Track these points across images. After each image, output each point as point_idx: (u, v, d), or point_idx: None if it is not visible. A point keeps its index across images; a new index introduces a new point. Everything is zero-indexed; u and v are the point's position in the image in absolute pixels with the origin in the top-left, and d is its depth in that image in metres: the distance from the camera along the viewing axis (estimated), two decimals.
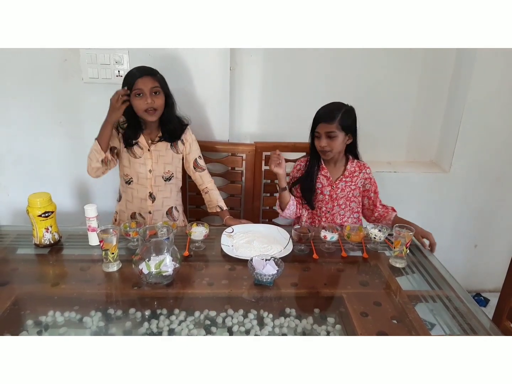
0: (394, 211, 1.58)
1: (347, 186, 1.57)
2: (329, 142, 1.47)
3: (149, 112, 1.45)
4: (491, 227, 2.22)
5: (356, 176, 1.58)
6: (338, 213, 1.60)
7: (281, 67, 1.96)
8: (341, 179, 1.57)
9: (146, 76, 1.43)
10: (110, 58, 1.74)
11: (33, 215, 1.28)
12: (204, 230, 1.33)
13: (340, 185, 1.57)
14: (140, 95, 1.43)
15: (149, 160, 1.55)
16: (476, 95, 1.92)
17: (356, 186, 1.59)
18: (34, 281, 1.20)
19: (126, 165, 1.57)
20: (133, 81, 1.42)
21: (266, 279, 1.15)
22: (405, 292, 1.17)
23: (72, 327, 1.01)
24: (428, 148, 2.19)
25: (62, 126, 1.86)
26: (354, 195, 1.59)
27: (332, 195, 1.57)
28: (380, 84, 2.02)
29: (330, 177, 1.57)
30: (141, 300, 1.12)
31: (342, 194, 1.57)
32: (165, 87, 1.49)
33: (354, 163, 1.58)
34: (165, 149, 1.57)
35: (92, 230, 1.31)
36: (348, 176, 1.57)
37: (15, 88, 1.78)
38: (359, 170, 1.58)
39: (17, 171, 1.93)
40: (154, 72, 1.47)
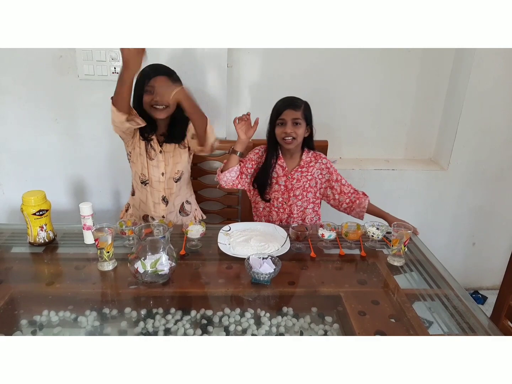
0: (366, 196, 1.55)
1: (303, 176, 1.56)
2: (294, 129, 1.47)
3: (159, 111, 1.42)
4: (489, 225, 2.21)
5: (312, 166, 1.57)
6: (295, 204, 1.58)
7: (278, 65, 1.94)
8: (296, 170, 1.55)
9: (162, 76, 1.40)
10: (106, 55, 1.72)
11: (27, 213, 1.26)
12: (200, 229, 1.32)
13: (295, 176, 1.55)
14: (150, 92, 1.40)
15: (162, 163, 1.52)
16: (475, 93, 1.91)
17: (313, 177, 1.57)
18: (28, 280, 1.18)
19: (144, 165, 1.53)
20: (151, 77, 1.39)
21: (263, 277, 1.14)
22: (403, 291, 1.16)
23: (67, 326, 1.00)
24: (427, 146, 2.19)
25: (58, 123, 1.84)
26: (310, 185, 1.58)
27: (287, 185, 1.56)
28: (379, 83, 2.01)
29: (286, 167, 1.55)
30: (137, 299, 1.11)
31: (298, 185, 1.56)
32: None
33: (309, 153, 1.58)
34: (174, 149, 1.54)
35: (87, 228, 1.30)
36: (303, 167, 1.56)
37: (10, 85, 1.77)
38: (314, 160, 1.57)
39: (12, 168, 1.91)
40: (170, 73, 1.43)
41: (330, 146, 1.86)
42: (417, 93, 2.05)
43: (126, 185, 1.75)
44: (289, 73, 1.96)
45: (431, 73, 2.01)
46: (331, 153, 1.90)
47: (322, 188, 1.60)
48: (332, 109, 2.04)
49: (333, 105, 2.03)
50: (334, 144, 1.96)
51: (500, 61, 1.87)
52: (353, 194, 1.56)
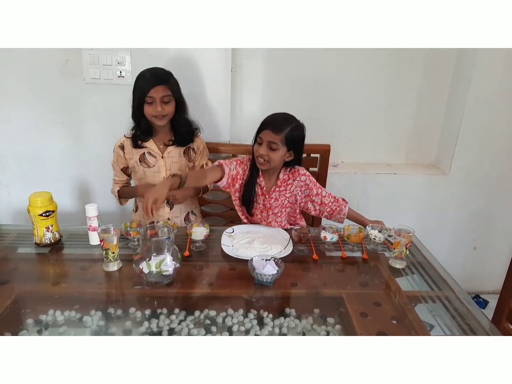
0: (346, 203, 1.51)
1: (281, 195, 1.47)
2: (268, 152, 1.35)
3: (158, 117, 1.46)
4: (491, 229, 2.22)
5: (290, 184, 1.47)
6: (275, 221, 1.52)
7: (282, 69, 1.96)
8: (274, 190, 1.47)
9: (160, 86, 1.42)
10: (112, 59, 1.75)
11: (34, 214, 1.28)
12: (204, 230, 1.33)
13: (273, 195, 1.47)
14: (151, 103, 1.43)
15: (163, 168, 1.55)
16: (476, 97, 1.93)
17: (292, 194, 1.49)
18: (34, 280, 1.20)
19: (142, 177, 1.57)
20: (147, 88, 1.41)
21: (266, 279, 1.15)
22: (405, 293, 1.17)
23: (72, 326, 1.01)
24: (428, 150, 2.20)
25: (64, 126, 1.86)
26: (289, 202, 1.50)
27: (266, 204, 1.48)
28: (380, 85, 2.03)
29: (264, 186, 1.47)
30: (141, 299, 1.13)
31: (276, 203, 1.48)
32: (177, 93, 1.48)
33: (287, 170, 1.47)
34: (178, 156, 1.57)
35: (92, 229, 1.31)
36: (281, 186, 1.46)
37: (17, 88, 1.79)
38: (292, 177, 1.47)
39: (19, 170, 1.93)
40: (167, 81, 1.45)
41: (332, 150, 1.87)
42: (418, 97, 2.07)
43: None
44: (292, 77, 1.98)
45: (433, 77, 2.03)
46: (333, 156, 1.92)
47: (302, 203, 1.53)
48: (335, 113, 2.05)
49: (335, 109, 2.05)
50: (336, 148, 1.98)
51: (503, 64, 1.88)
52: (334, 203, 1.50)
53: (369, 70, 1.99)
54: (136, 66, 1.69)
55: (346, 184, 2.07)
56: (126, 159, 1.57)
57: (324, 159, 1.88)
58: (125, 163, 1.59)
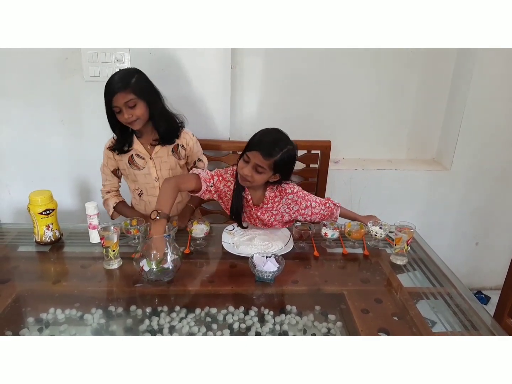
0: (337, 207, 1.45)
1: (268, 210, 1.40)
2: (253, 174, 1.27)
3: (131, 123, 1.40)
4: (492, 225, 2.21)
5: (278, 201, 1.40)
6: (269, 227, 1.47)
7: (282, 66, 1.95)
8: (261, 206, 1.39)
9: (119, 93, 1.33)
10: (111, 57, 1.74)
11: (34, 212, 1.28)
12: (205, 228, 1.33)
13: (259, 212, 1.40)
14: (119, 112, 1.37)
15: (153, 169, 1.51)
16: (477, 93, 1.92)
17: (279, 211, 1.41)
18: (35, 279, 1.20)
19: (134, 179, 1.54)
20: (110, 98, 1.36)
21: (267, 276, 1.15)
22: (406, 289, 1.17)
23: (73, 324, 1.02)
24: (429, 146, 2.19)
25: (63, 125, 1.86)
26: (276, 219, 1.43)
27: (255, 217, 1.43)
28: (382, 83, 2.02)
29: (250, 200, 1.39)
30: (142, 297, 1.13)
31: (263, 218, 1.42)
32: (143, 93, 1.37)
33: (274, 188, 1.39)
34: (167, 155, 1.52)
35: (93, 227, 1.31)
36: (267, 203, 1.39)
37: (16, 87, 1.79)
38: (280, 195, 1.39)
39: (19, 169, 1.93)
40: (125, 85, 1.34)
41: (333, 146, 1.87)
42: (419, 93, 2.06)
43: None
44: (292, 74, 1.97)
45: (434, 73, 2.02)
46: (334, 153, 1.91)
47: (292, 217, 1.47)
48: (335, 109, 2.05)
49: (336, 105, 2.04)
50: (337, 144, 1.97)
51: (503, 61, 1.88)
52: (325, 210, 1.45)
53: (370, 67, 1.99)
54: (135, 64, 1.68)
55: (347, 180, 2.06)
56: (116, 160, 1.53)
57: (325, 155, 1.87)
58: (115, 165, 1.55)
